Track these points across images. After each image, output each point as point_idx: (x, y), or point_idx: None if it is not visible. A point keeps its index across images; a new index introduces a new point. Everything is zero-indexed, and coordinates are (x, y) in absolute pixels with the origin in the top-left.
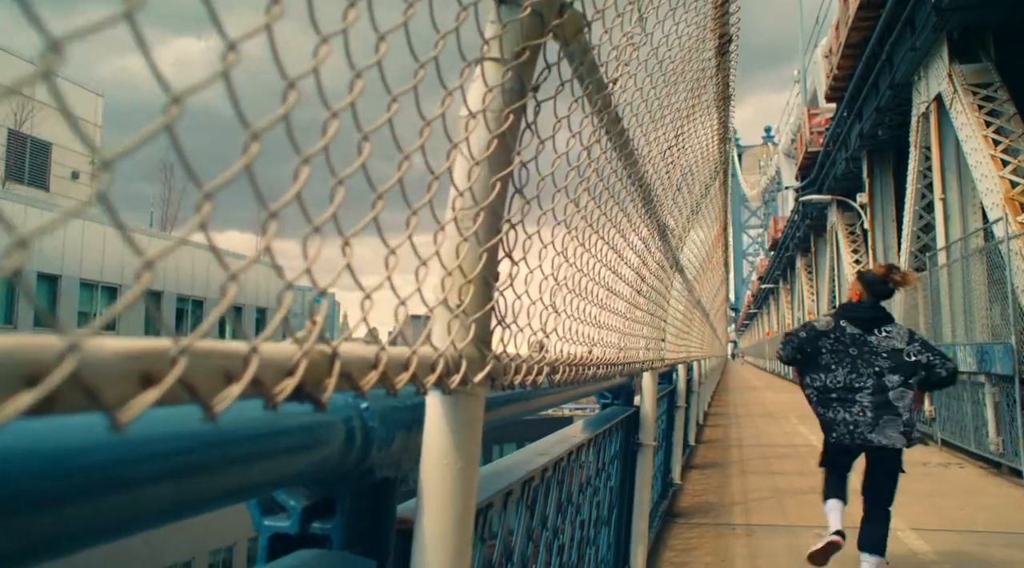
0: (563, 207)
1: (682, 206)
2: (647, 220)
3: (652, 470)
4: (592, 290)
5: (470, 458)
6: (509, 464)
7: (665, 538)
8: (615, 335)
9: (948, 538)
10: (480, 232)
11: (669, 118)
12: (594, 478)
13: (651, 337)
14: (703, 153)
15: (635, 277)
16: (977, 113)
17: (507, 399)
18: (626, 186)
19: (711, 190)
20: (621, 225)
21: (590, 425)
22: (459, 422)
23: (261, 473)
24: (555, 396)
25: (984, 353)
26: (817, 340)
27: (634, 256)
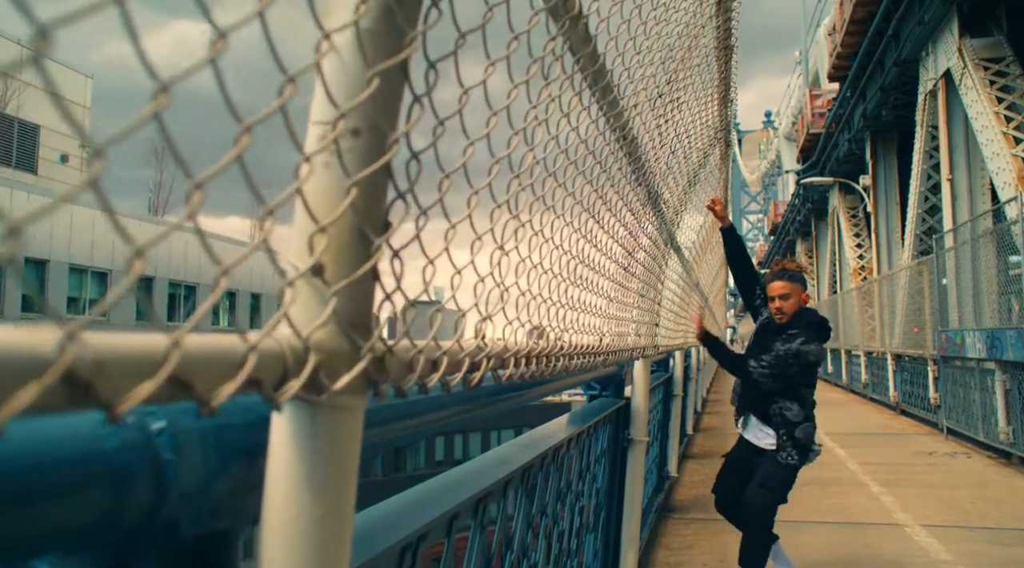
0: (507, 140)
1: (676, 174)
2: (634, 182)
3: (644, 468)
4: (562, 262)
5: (337, 502)
6: (456, 478)
7: (660, 535)
8: (597, 319)
9: (960, 536)
10: (348, 155)
11: (659, 57)
12: (576, 482)
13: (642, 321)
14: (700, 112)
15: (621, 251)
16: (988, 89)
17: (437, 404)
18: (603, 132)
19: (710, 160)
20: (599, 182)
21: (573, 421)
22: (317, 449)
23: None
24: (515, 397)
25: (995, 339)
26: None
27: (619, 226)
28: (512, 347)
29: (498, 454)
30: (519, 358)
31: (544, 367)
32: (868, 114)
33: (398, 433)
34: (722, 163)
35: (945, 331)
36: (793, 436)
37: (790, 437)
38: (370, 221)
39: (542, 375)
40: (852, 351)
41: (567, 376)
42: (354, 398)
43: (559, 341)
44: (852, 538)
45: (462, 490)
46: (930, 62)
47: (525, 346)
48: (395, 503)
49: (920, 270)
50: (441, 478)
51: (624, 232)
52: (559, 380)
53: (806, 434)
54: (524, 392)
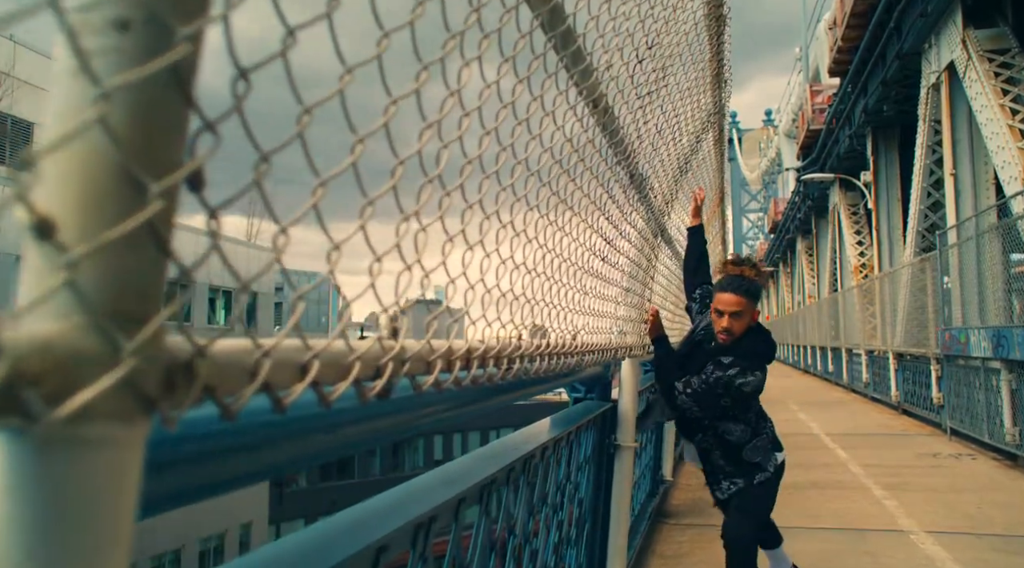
0: (458, 121)
1: (664, 158)
2: (609, 158)
3: (633, 475)
4: (526, 251)
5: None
6: (394, 500)
7: (653, 543)
8: (573, 315)
9: (968, 543)
10: (109, 57)
11: (636, 11)
12: (554, 494)
13: (629, 318)
14: (690, 89)
15: (598, 239)
16: (993, 81)
17: (363, 416)
18: (574, 106)
19: (703, 146)
20: (570, 162)
21: (552, 426)
22: (40, 505)
23: None
24: (457, 407)
25: (1001, 337)
26: None
27: (594, 209)
28: (452, 349)
29: (447, 471)
30: (458, 360)
31: (502, 371)
32: (869, 109)
33: (339, 442)
34: (716, 150)
35: (949, 329)
36: (743, 460)
37: (738, 465)
38: (147, 158)
39: (490, 380)
40: (853, 350)
41: (534, 382)
42: (116, 426)
43: (518, 340)
44: (853, 545)
45: (395, 516)
46: (933, 55)
47: (466, 347)
48: (312, 534)
49: (923, 267)
50: (376, 501)
51: (600, 217)
52: (530, 386)
53: (757, 450)
54: (496, 398)
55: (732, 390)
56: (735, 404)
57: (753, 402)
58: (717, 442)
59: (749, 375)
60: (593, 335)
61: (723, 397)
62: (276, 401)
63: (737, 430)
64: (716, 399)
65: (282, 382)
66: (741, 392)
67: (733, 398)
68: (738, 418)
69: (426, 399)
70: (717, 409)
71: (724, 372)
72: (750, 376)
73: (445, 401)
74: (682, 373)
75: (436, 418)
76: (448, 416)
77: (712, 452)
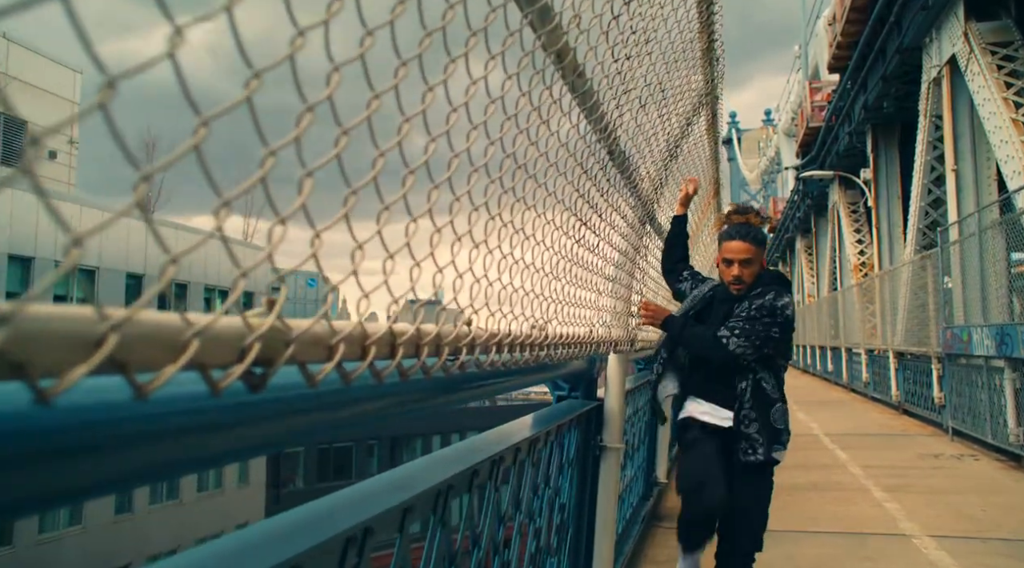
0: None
1: (650, 136)
2: (583, 126)
3: (620, 478)
4: (484, 228)
5: None
6: (344, 500)
7: (646, 547)
8: (543, 302)
9: (973, 548)
10: None
11: None
12: (530, 500)
13: (613, 310)
14: (676, 61)
15: (572, 219)
16: (996, 74)
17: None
18: (541, 71)
19: (694, 128)
20: (528, 121)
21: (534, 425)
22: None
23: None
24: (398, 404)
25: (1005, 335)
26: None
27: (566, 185)
28: (393, 332)
29: (396, 476)
30: (401, 346)
31: (451, 361)
32: (869, 106)
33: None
34: (709, 137)
35: (950, 327)
36: (769, 420)
37: (765, 421)
38: None
39: (427, 372)
40: (853, 349)
41: (502, 376)
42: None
43: (471, 327)
44: (854, 550)
45: (320, 529)
46: (934, 49)
47: (386, 330)
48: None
49: (924, 264)
50: (301, 512)
51: (583, 203)
52: (499, 380)
53: (783, 417)
54: (455, 394)
55: (777, 315)
56: (781, 336)
57: (791, 347)
58: (753, 392)
59: (785, 296)
60: (569, 326)
61: (772, 327)
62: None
63: (771, 381)
64: (767, 329)
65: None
66: (785, 315)
67: (780, 326)
68: (770, 365)
69: (354, 393)
70: (769, 342)
71: (763, 299)
72: (786, 296)
73: (382, 396)
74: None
75: (381, 414)
76: (393, 411)
77: (742, 408)
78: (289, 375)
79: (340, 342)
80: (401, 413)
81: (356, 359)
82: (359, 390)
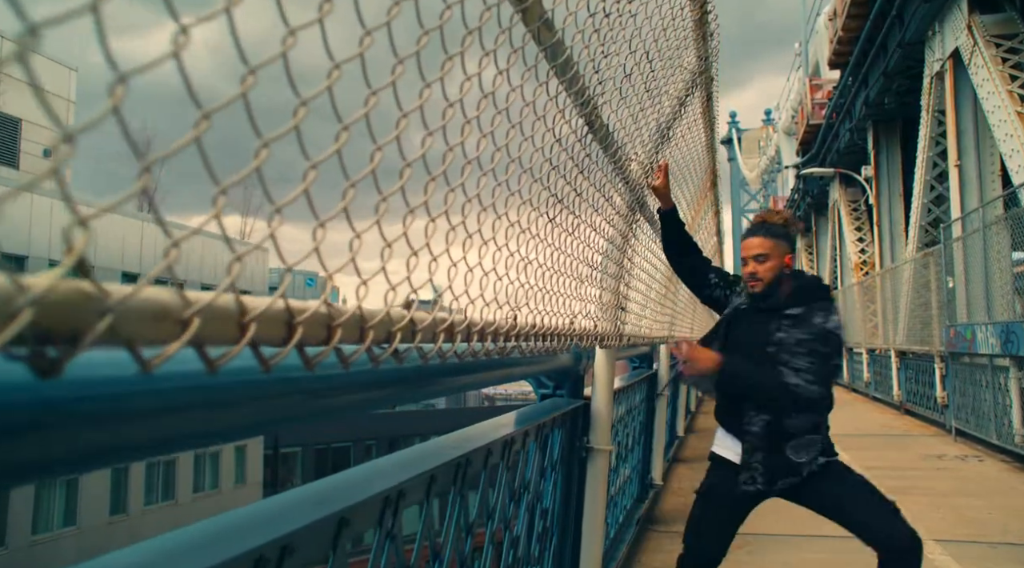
0: None
1: (637, 114)
2: (559, 93)
3: (609, 481)
4: (445, 200)
5: None
6: (265, 511)
7: (640, 552)
8: (513, 287)
9: (980, 553)
10: None
11: None
12: (507, 506)
13: (598, 301)
14: (664, 29)
15: (549, 199)
16: (1000, 66)
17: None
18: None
19: (686, 109)
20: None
21: (515, 422)
22: None
23: None
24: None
25: (1011, 333)
26: None
27: (540, 156)
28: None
29: (335, 482)
30: (339, 328)
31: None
32: (870, 102)
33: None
34: (704, 121)
35: (954, 326)
36: (783, 452)
37: (773, 452)
38: None
39: (374, 361)
40: (853, 349)
41: (466, 371)
42: None
43: (406, 308)
44: (856, 556)
45: (232, 543)
46: (936, 42)
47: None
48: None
49: (926, 262)
50: (218, 522)
51: (562, 182)
52: (469, 375)
53: (808, 449)
54: (424, 387)
55: (832, 340)
56: (840, 365)
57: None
58: (767, 423)
59: (835, 314)
60: (543, 315)
61: (832, 356)
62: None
63: (799, 416)
64: (829, 360)
65: None
66: (840, 340)
67: (839, 353)
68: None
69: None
70: (837, 373)
71: (815, 320)
72: (836, 314)
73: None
74: (738, 350)
75: (342, 406)
76: (346, 405)
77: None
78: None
79: (253, 321)
80: (349, 410)
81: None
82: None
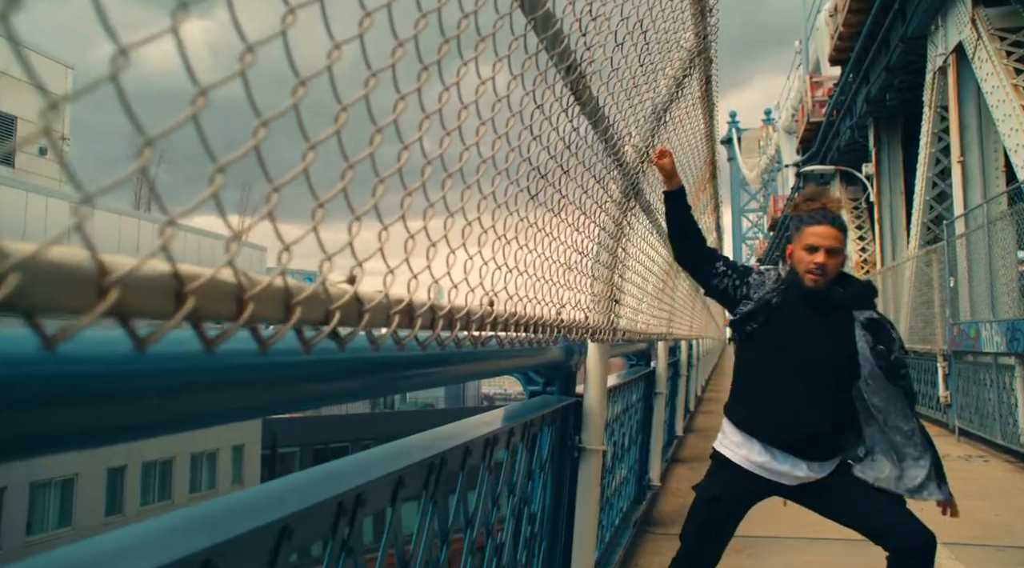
0: None
1: (632, 94)
2: (544, 62)
3: (601, 483)
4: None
5: None
6: (182, 521)
7: (637, 555)
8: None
9: (986, 557)
10: None
11: None
12: (490, 511)
13: (587, 291)
14: (659, 1)
15: (531, 174)
16: (1005, 60)
17: None
18: None
19: (684, 91)
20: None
21: (499, 420)
22: None
23: None
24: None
25: (1016, 331)
26: None
27: (521, 126)
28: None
29: (277, 487)
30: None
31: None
32: (871, 98)
33: None
34: (703, 107)
35: (957, 324)
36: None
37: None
38: None
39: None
40: None
41: (437, 363)
42: None
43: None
44: (857, 559)
45: (162, 549)
46: (939, 36)
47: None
48: None
49: (929, 259)
50: (132, 532)
51: (546, 155)
52: (446, 367)
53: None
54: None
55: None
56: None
57: None
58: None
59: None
60: (525, 302)
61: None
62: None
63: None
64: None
65: None
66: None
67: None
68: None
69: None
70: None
71: (884, 322)
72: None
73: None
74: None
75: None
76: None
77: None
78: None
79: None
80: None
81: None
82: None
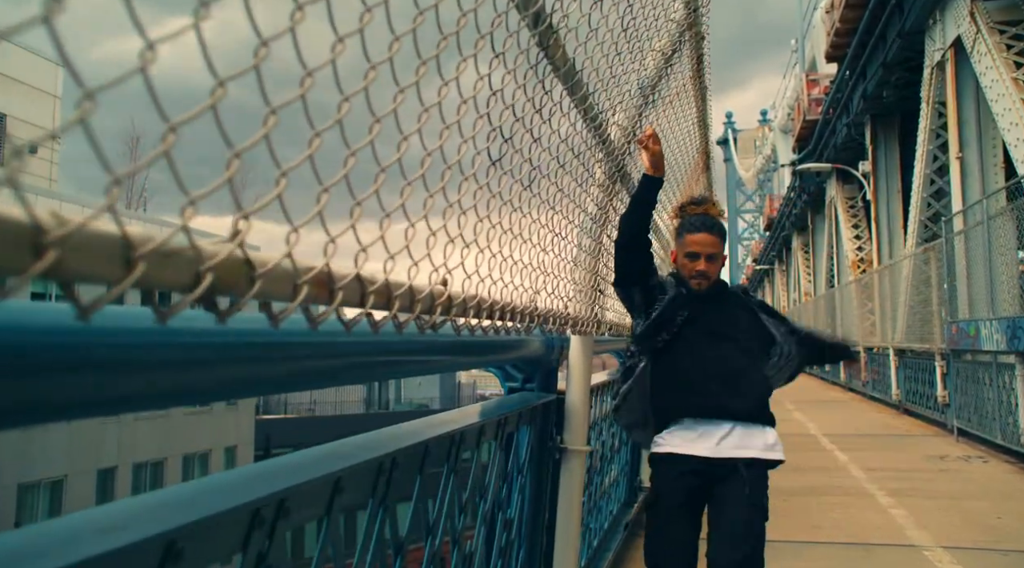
0: None
1: (613, 63)
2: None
3: (584, 486)
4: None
5: None
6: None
7: (627, 559)
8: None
9: (991, 562)
10: None
11: None
12: (456, 516)
13: (570, 277)
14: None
15: (502, 145)
16: (1005, 53)
17: None
18: None
19: (673, 67)
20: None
21: (470, 417)
22: None
23: None
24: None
25: (1017, 328)
26: None
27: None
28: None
29: (187, 491)
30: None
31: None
32: (868, 95)
33: None
34: (695, 90)
35: (956, 322)
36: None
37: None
38: None
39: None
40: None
41: (397, 351)
42: None
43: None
44: (858, 563)
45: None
46: (937, 31)
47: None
48: None
49: (927, 257)
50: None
51: (523, 129)
52: (410, 357)
53: None
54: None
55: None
56: None
57: None
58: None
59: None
60: (488, 284)
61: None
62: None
63: None
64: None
65: None
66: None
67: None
68: None
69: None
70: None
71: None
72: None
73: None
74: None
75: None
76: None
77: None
78: None
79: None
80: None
81: None
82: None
